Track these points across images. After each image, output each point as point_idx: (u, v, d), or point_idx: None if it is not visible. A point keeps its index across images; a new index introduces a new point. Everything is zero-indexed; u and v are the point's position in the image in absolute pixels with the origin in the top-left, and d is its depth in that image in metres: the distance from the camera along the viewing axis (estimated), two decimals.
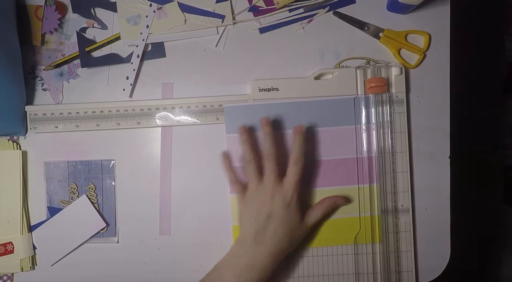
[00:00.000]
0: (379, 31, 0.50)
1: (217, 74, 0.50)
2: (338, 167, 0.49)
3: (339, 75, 0.49)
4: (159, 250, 0.50)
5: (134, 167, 0.50)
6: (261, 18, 0.50)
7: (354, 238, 0.49)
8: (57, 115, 0.49)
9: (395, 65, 0.49)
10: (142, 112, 0.49)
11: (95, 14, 0.51)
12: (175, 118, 0.49)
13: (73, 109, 0.49)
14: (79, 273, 0.50)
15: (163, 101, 0.50)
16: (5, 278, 0.50)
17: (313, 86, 0.49)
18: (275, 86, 0.49)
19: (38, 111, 0.49)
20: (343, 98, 0.49)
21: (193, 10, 0.50)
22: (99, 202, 0.50)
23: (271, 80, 0.49)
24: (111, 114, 0.49)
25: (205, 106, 0.49)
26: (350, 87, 0.49)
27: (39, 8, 0.50)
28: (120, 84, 0.50)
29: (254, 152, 0.46)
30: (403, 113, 0.49)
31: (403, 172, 0.49)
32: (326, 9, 0.50)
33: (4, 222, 0.49)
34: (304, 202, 0.48)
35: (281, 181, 0.45)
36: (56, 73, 0.51)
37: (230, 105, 0.49)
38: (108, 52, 0.50)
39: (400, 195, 0.49)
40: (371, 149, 0.49)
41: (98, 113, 0.49)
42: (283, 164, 0.46)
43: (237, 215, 0.47)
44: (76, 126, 0.49)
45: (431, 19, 0.50)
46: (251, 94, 0.49)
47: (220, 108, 0.49)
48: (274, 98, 0.49)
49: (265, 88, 0.49)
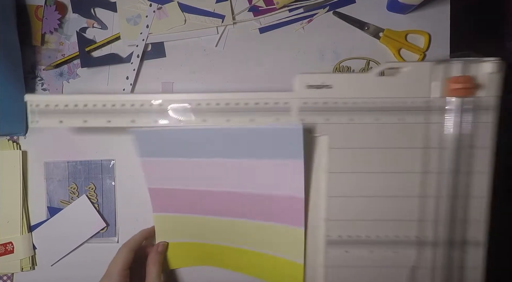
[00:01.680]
0: (379, 31, 0.50)
1: (217, 74, 0.50)
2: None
3: (410, 71, 0.40)
4: None
5: (134, 167, 0.50)
6: (261, 18, 0.50)
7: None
8: (62, 107, 0.42)
9: (488, 60, 0.39)
10: (161, 108, 0.41)
11: (95, 14, 0.51)
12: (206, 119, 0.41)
13: (80, 102, 0.42)
14: (79, 273, 0.50)
15: (190, 96, 0.41)
16: (5, 278, 0.50)
17: (375, 84, 0.40)
18: (327, 82, 0.40)
19: (40, 102, 0.42)
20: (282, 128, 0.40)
21: (193, 10, 0.50)
22: (99, 202, 0.50)
23: (324, 75, 0.41)
24: (125, 109, 0.42)
25: (238, 104, 0.41)
26: (422, 87, 0.40)
27: (39, 8, 0.50)
28: (120, 84, 0.50)
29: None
30: (488, 124, 0.39)
31: (480, 198, 0.41)
32: (326, 9, 0.50)
33: (4, 222, 0.49)
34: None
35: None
36: (56, 73, 0.51)
37: (139, 130, 0.42)
38: (108, 52, 0.50)
39: (471, 224, 0.41)
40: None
41: (109, 108, 0.42)
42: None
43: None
44: (84, 122, 0.42)
45: (431, 19, 0.50)
46: (298, 91, 0.41)
47: (256, 106, 0.41)
48: (189, 125, 0.41)
49: (315, 85, 0.40)
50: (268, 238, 0.44)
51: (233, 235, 0.45)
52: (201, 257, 0.48)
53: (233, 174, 0.43)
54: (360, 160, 0.42)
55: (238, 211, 0.44)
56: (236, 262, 0.47)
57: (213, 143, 0.42)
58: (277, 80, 0.50)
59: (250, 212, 0.44)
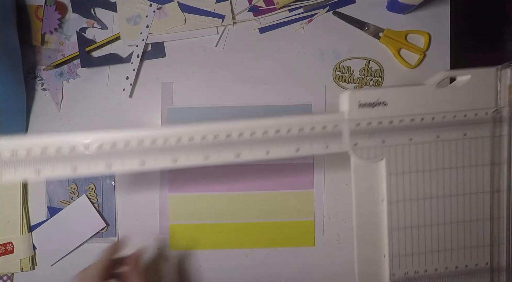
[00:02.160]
0: (379, 31, 0.50)
1: (217, 74, 0.50)
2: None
3: (471, 80, 0.36)
4: (159, 250, 0.50)
5: None
6: (261, 18, 0.50)
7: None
8: (36, 154, 0.33)
9: None
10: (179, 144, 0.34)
11: (95, 14, 0.51)
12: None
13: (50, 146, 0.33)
14: None
15: (213, 127, 0.34)
16: (5, 278, 0.50)
17: (434, 97, 0.36)
18: (382, 99, 0.36)
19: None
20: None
21: (193, 10, 0.50)
22: (99, 202, 0.50)
23: (378, 91, 0.36)
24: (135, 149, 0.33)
25: (279, 131, 0.34)
26: (486, 96, 0.36)
27: (39, 8, 0.50)
28: (120, 84, 0.50)
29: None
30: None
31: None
32: (326, 9, 0.50)
33: (4, 222, 0.49)
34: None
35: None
36: (56, 73, 0.51)
37: (171, 107, 0.48)
38: (108, 52, 0.50)
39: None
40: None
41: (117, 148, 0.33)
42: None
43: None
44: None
45: (431, 19, 0.50)
46: (349, 112, 0.36)
47: (301, 134, 0.35)
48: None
49: (368, 103, 0.36)
50: (280, 205, 0.49)
51: (247, 209, 0.49)
52: (217, 239, 0.50)
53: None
54: (422, 184, 0.37)
55: (253, 183, 0.48)
56: (252, 237, 0.49)
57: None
58: (277, 80, 0.50)
59: (265, 183, 0.48)
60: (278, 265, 0.50)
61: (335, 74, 0.50)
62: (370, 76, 0.50)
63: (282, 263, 0.50)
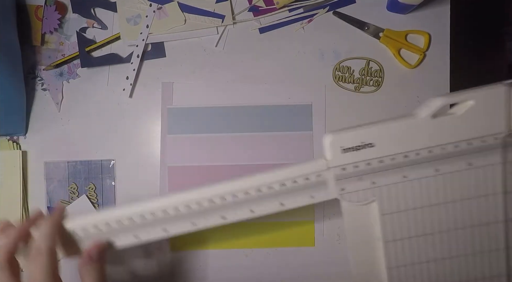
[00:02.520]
0: (379, 31, 0.50)
1: (217, 74, 0.50)
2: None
3: (478, 103, 0.31)
4: (159, 250, 0.50)
5: (134, 167, 0.50)
6: (261, 18, 0.50)
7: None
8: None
9: None
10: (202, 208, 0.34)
11: (95, 14, 0.51)
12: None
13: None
14: None
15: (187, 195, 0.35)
16: None
17: (430, 129, 0.31)
18: (367, 140, 0.32)
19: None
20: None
21: (193, 10, 0.50)
22: (99, 202, 0.50)
23: (360, 131, 0.32)
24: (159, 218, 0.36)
25: (260, 190, 0.33)
26: (494, 120, 0.31)
27: (39, 8, 0.50)
28: (120, 84, 0.50)
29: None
30: None
31: None
32: (326, 9, 0.50)
33: None
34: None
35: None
36: (56, 73, 0.51)
37: (171, 107, 0.49)
38: (108, 52, 0.50)
39: None
40: None
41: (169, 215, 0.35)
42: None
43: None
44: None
45: (431, 19, 0.50)
46: (331, 160, 0.33)
47: (283, 189, 0.33)
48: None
49: (352, 147, 0.32)
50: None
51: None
52: (217, 239, 0.49)
53: (248, 147, 0.49)
54: (421, 221, 0.34)
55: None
56: (252, 237, 0.49)
57: (234, 118, 0.48)
58: (277, 80, 0.50)
59: None
60: (278, 265, 0.50)
61: (335, 74, 0.50)
62: (370, 76, 0.50)
63: (282, 263, 0.50)
